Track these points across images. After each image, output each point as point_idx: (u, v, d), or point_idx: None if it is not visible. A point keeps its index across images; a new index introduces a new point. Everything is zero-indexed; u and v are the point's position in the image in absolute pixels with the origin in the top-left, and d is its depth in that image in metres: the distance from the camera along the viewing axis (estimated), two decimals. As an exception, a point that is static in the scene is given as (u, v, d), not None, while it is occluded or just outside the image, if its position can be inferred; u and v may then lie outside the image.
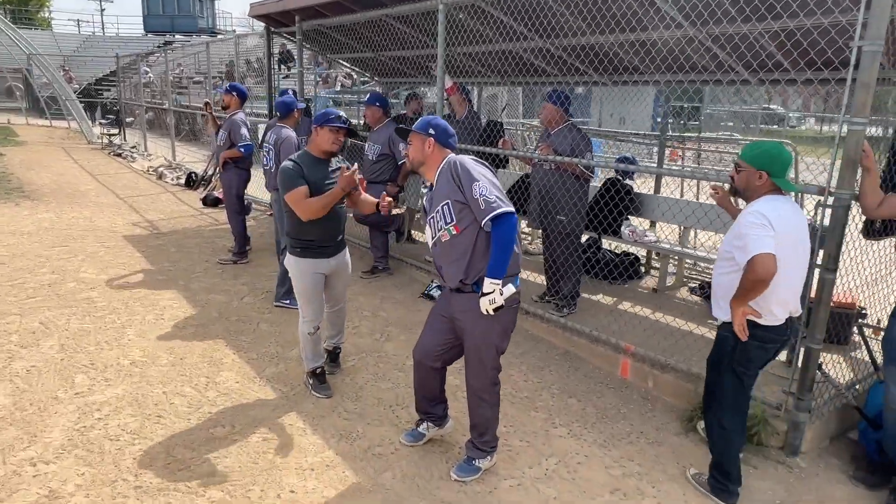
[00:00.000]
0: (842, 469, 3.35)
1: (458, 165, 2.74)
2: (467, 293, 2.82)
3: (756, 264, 2.57)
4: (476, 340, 2.86)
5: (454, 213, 2.74)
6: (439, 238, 2.84)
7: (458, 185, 2.71)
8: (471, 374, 2.97)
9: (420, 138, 2.89)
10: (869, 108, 2.94)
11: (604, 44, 5.27)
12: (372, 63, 8.36)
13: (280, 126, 5.27)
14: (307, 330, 3.69)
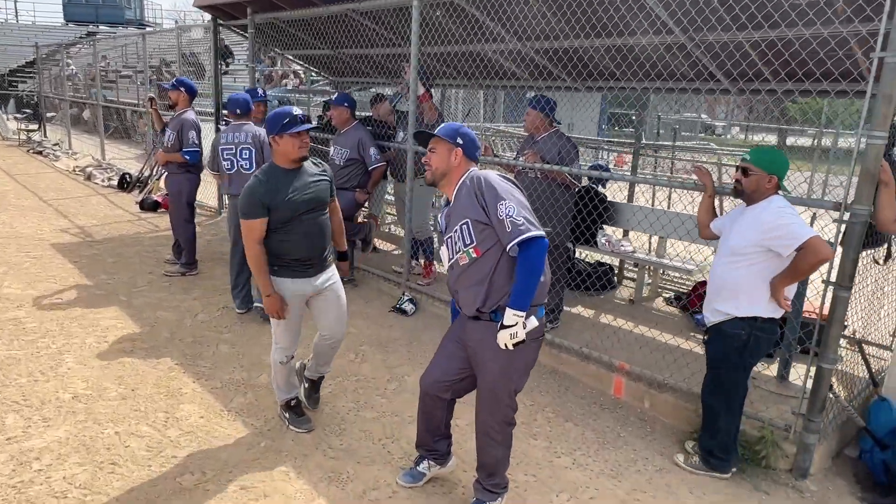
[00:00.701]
0: (850, 491, 3.26)
1: (482, 181, 2.45)
2: (484, 321, 2.52)
3: (818, 246, 2.74)
4: (492, 375, 2.56)
5: (475, 234, 2.46)
6: (457, 260, 2.56)
7: (481, 203, 2.42)
8: (483, 410, 2.66)
9: (446, 147, 2.56)
10: (890, 120, 2.84)
11: (579, 48, 5.10)
12: (329, 61, 7.92)
13: (242, 123, 4.82)
14: (279, 358, 3.28)
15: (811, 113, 19.18)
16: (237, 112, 4.85)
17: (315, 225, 3.13)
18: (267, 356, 4.26)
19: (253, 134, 4.81)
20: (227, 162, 4.81)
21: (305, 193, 3.09)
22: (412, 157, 5.25)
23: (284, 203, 3.02)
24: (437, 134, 2.58)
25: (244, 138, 4.78)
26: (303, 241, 3.10)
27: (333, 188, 3.31)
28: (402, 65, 5.32)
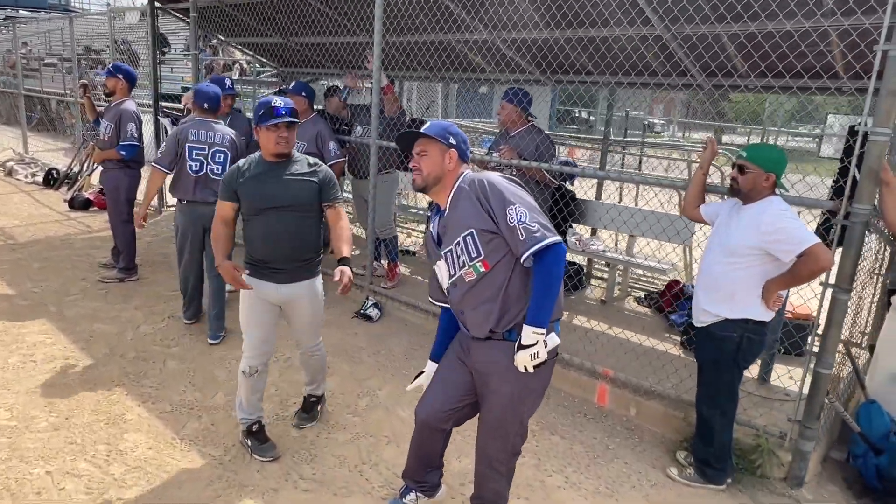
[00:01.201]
0: (844, 498, 3.17)
1: (485, 184, 2.15)
2: (496, 341, 2.23)
3: (820, 253, 2.63)
4: (504, 401, 2.26)
5: (481, 245, 2.15)
6: (460, 277, 2.24)
7: (486, 209, 2.13)
8: (488, 440, 2.37)
9: (439, 148, 2.25)
10: (893, 117, 2.73)
11: (550, 39, 4.88)
12: (278, 50, 7.45)
13: (210, 121, 4.22)
14: (242, 367, 2.97)
15: (747, 114, 19.85)
16: (205, 107, 4.21)
17: (280, 226, 2.84)
18: (221, 371, 3.86)
19: (230, 138, 4.25)
20: (194, 163, 4.14)
21: (274, 190, 2.83)
22: (375, 151, 4.92)
23: (249, 194, 2.84)
24: (428, 133, 2.25)
25: (219, 140, 4.19)
26: (260, 241, 2.87)
27: (330, 192, 2.96)
28: (364, 55, 4.96)
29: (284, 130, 2.83)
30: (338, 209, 2.98)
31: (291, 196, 2.85)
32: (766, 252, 2.79)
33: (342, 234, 2.88)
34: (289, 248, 2.88)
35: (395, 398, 3.72)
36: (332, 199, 2.97)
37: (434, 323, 4.81)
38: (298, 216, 2.88)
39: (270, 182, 2.85)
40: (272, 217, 2.84)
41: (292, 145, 2.90)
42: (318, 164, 3.01)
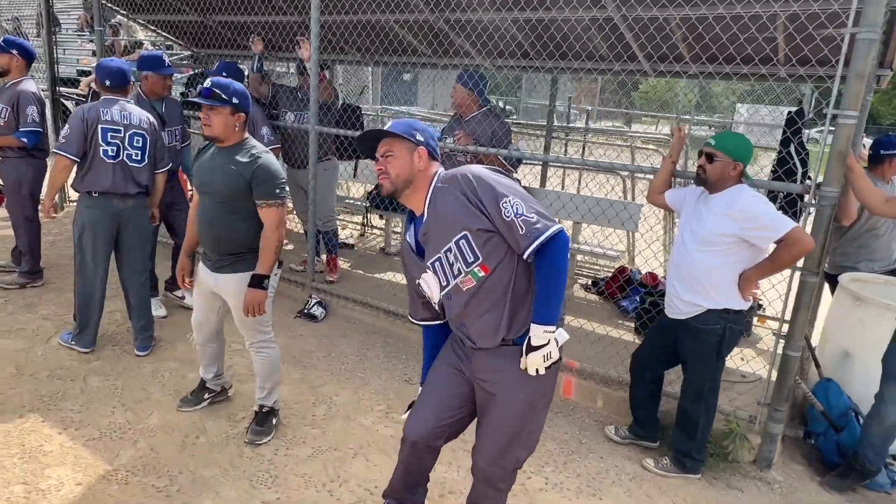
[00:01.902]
0: (809, 475, 3.23)
1: (471, 179, 1.93)
2: (506, 347, 2.01)
3: (801, 236, 2.64)
4: (516, 412, 2.04)
5: (477, 247, 1.93)
6: (456, 287, 2.01)
7: (478, 206, 1.91)
8: (491, 456, 2.13)
9: (405, 146, 2.02)
10: (861, 100, 2.75)
11: (498, 22, 4.70)
12: (194, 30, 6.83)
13: (120, 99, 3.64)
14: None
15: (658, 102, 20.59)
16: (107, 84, 3.60)
17: (207, 213, 2.81)
18: (154, 387, 3.45)
19: (148, 119, 3.72)
20: (109, 147, 3.54)
21: (209, 176, 2.78)
22: (315, 139, 4.57)
23: (195, 174, 2.86)
24: (393, 132, 2.01)
25: (136, 121, 3.64)
26: (196, 222, 2.90)
27: (260, 189, 2.72)
28: (294, 35, 4.57)
29: (206, 112, 2.68)
30: (268, 211, 2.73)
31: (219, 185, 2.74)
32: (742, 239, 2.76)
33: (263, 244, 2.76)
34: (210, 236, 2.81)
35: (353, 405, 3.45)
36: (262, 197, 2.73)
37: (385, 320, 4.55)
38: (225, 207, 2.75)
39: (207, 165, 2.80)
40: (205, 202, 2.82)
41: (219, 129, 2.71)
42: (260, 156, 2.75)
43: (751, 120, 12.60)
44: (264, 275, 2.74)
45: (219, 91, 2.66)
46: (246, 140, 2.81)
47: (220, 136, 2.72)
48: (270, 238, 2.74)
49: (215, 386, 3.28)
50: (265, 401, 3.05)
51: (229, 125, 2.71)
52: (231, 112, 2.70)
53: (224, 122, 2.69)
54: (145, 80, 4.14)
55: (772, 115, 13.09)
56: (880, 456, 3.04)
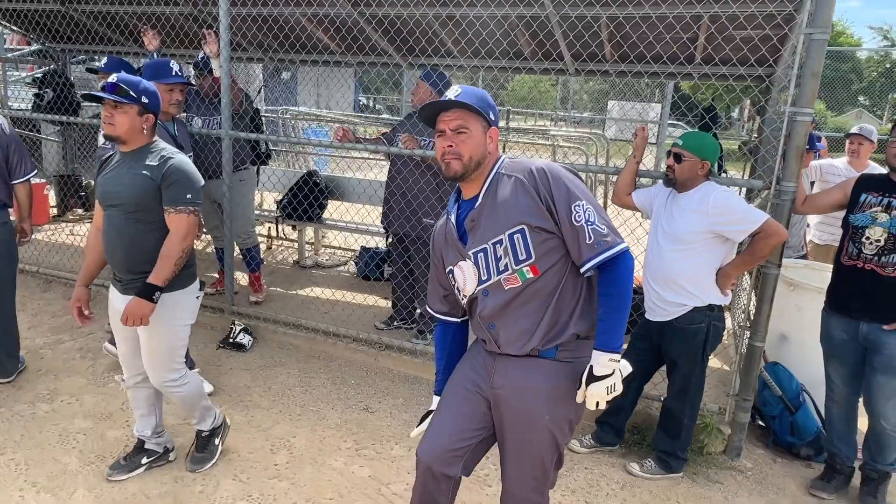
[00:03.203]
0: (772, 458, 3.37)
1: (546, 174, 1.76)
2: (533, 358, 1.84)
3: (776, 227, 2.72)
4: (544, 435, 1.87)
5: (533, 246, 1.76)
6: (498, 283, 1.82)
7: (546, 204, 1.74)
8: (522, 483, 1.95)
9: (480, 124, 1.80)
10: (815, 97, 2.88)
11: (417, 15, 4.46)
12: (50, 20, 5.84)
13: None
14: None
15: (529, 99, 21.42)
16: None
17: (113, 228, 2.45)
18: (66, 455, 2.83)
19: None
20: None
21: (113, 186, 2.43)
22: (229, 146, 4.06)
23: (98, 185, 2.49)
24: (469, 104, 1.75)
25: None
26: (102, 239, 2.52)
27: (169, 193, 2.41)
28: (203, 31, 3.99)
29: (110, 109, 2.36)
30: (177, 217, 2.42)
31: (126, 194, 2.40)
32: (716, 234, 2.80)
33: (164, 252, 2.40)
34: (120, 254, 2.45)
35: (317, 446, 3.07)
36: (171, 202, 2.42)
37: (323, 343, 4.15)
38: (132, 219, 2.41)
39: (113, 175, 2.45)
40: (110, 216, 2.46)
41: (123, 129, 2.38)
42: (171, 158, 2.45)
43: (621, 115, 13.45)
44: (156, 286, 2.38)
45: (126, 87, 2.35)
46: (154, 142, 2.50)
47: (123, 138, 2.40)
48: (175, 248, 2.40)
49: (156, 446, 2.77)
50: (201, 425, 2.79)
51: (136, 126, 2.40)
52: (139, 112, 2.39)
53: (130, 122, 2.38)
54: None
55: (635, 110, 14.08)
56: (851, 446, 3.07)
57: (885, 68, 29.28)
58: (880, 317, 2.75)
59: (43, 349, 3.85)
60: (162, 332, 2.46)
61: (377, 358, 4.00)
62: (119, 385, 2.73)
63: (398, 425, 3.31)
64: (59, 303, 4.61)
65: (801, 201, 3.09)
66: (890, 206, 2.73)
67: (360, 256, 5.63)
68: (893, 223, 2.70)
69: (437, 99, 3.65)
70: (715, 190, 2.82)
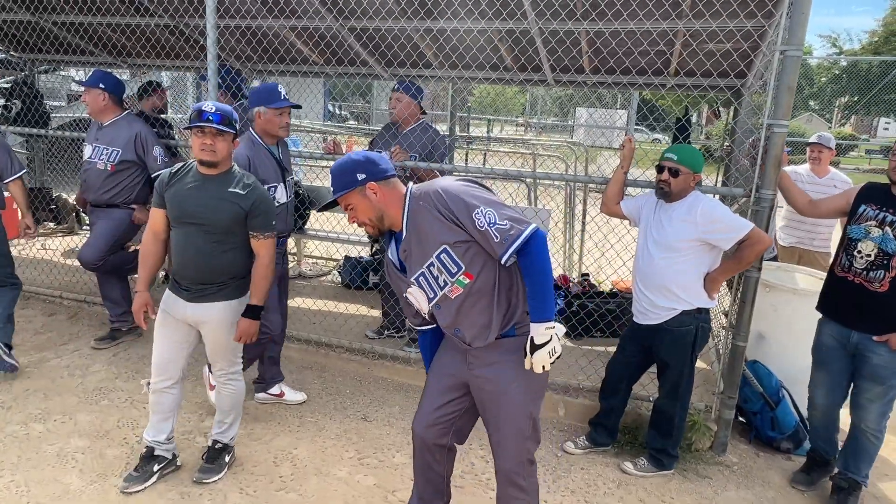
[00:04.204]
0: (755, 452, 3.53)
1: (441, 196, 2.01)
2: (498, 340, 2.12)
3: (761, 235, 2.87)
4: (515, 404, 2.14)
5: (458, 258, 2.03)
6: (444, 297, 2.10)
7: (452, 220, 2.00)
8: (505, 454, 2.21)
9: (356, 193, 2.09)
10: (791, 110, 3.05)
11: (395, 29, 4.53)
12: (17, 30, 5.71)
13: None
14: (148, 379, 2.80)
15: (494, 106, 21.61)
16: None
17: (193, 244, 2.60)
18: (67, 475, 2.81)
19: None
20: None
21: (195, 206, 2.58)
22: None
23: (171, 203, 2.62)
24: (336, 191, 2.09)
25: None
26: (175, 254, 2.67)
27: (257, 221, 2.64)
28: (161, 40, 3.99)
29: (213, 138, 2.50)
30: (264, 242, 2.68)
31: (210, 216, 2.58)
32: (704, 242, 2.94)
33: (258, 274, 2.68)
34: (194, 268, 2.63)
35: (320, 457, 3.10)
36: (259, 229, 2.66)
37: (316, 353, 4.18)
38: (213, 239, 2.60)
39: (194, 195, 2.58)
40: (188, 233, 2.61)
41: (222, 156, 2.55)
42: (255, 188, 2.66)
43: (589, 122, 13.74)
44: (260, 307, 2.69)
45: (228, 117, 2.53)
46: (233, 168, 2.68)
47: (219, 163, 2.57)
48: (268, 269, 2.68)
49: (165, 452, 2.82)
50: (222, 436, 2.89)
51: (230, 153, 2.61)
52: (233, 139, 2.60)
53: (228, 148, 2.58)
54: (258, 117, 3.18)
55: (604, 117, 14.41)
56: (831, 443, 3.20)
57: (833, 74, 30.60)
58: (870, 328, 2.81)
59: (28, 368, 3.77)
60: (233, 328, 2.69)
61: (370, 367, 4.04)
62: (143, 388, 2.87)
63: (397, 433, 3.36)
64: (39, 319, 4.51)
65: (806, 203, 3.23)
66: (884, 222, 2.76)
67: (344, 266, 5.65)
68: (885, 240, 2.74)
69: (416, 110, 3.79)
70: (702, 200, 2.96)
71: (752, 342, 3.97)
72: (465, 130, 7.56)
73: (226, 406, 2.84)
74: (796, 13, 2.91)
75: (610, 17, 3.72)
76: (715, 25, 3.48)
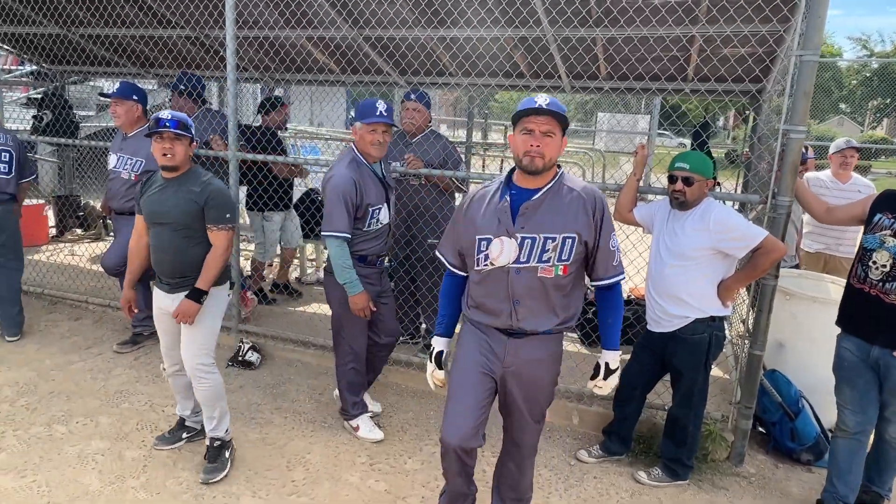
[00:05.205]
0: (773, 463, 3.47)
1: (604, 205, 2.22)
2: (543, 335, 2.26)
3: (775, 243, 2.83)
4: (544, 391, 2.36)
5: (573, 251, 2.17)
6: (533, 268, 2.17)
7: (596, 225, 2.19)
8: (530, 429, 2.41)
9: (561, 131, 2.14)
10: (808, 115, 3.01)
11: (422, 38, 4.59)
12: (51, 44, 5.90)
13: None
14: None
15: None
16: None
17: (161, 242, 2.87)
18: (85, 475, 2.88)
19: (12, 136, 4.21)
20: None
21: (159, 207, 2.84)
22: (235, 166, 4.12)
23: (143, 208, 2.91)
24: (555, 111, 2.07)
25: (3, 139, 4.14)
26: (152, 251, 2.94)
27: (212, 213, 2.83)
28: (182, 51, 4.09)
29: (168, 142, 2.75)
30: (218, 233, 2.85)
31: (173, 214, 2.81)
32: (718, 251, 2.90)
33: (208, 262, 2.84)
34: (169, 264, 2.87)
35: (332, 461, 3.13)
36: (214, 221, 2.84)
37: (331, 360, 4.17)
38: (179, 234, 2.82)
39: (159, 197, 2.84)
40: (158, 232, 2.87)
41: (180, 159, 2.80)
42: (211, 182, 2.88)
43: (610, 127, 13.64)
44: (202, 290, 2.82)
45: (184, 123, 2.78)
46: (195, 168, 2.91)
47: (178, 166, 2.81)
48: (218, 259, 2.85)
49: (195, 423, 3.18)
50: (216, 431, 2.97)
51: (187, 156, 2.84)
52: (190, 142, 2.83)
53: (185, 152, 2.81)
54: (354, 133, 3.13)
55: (625, 121, 14.30)
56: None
57: (864, 77, 29.94)
58: (889, 341, 2.67)
59: (53, 370, 3.87)
60: (200, 321, 2.85)
61: (385, 373, 4.04)
62: (162, 373, 3.21)
63: (410, 439, 3.37)
64: (65, 324, 4.64)
65: (823, 210, 3.17)
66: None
67: (361, 272, 5.69)
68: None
69: (428, 118, 3.81)
70: (715, 207, 2.92)
71: (772, 351, 3.91)
72: (484, 136, 7.56)
73: (208, 401, 2.91)
74: (812, 17, 2.87)
75: (623, 23, 3.71)
76: (729, 31, 3.44)
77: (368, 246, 3.17)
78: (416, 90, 3.87)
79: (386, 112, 3.04)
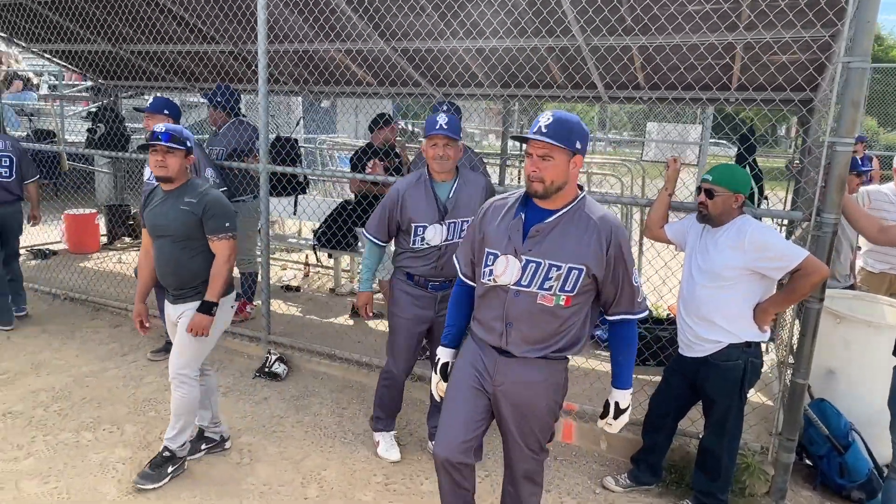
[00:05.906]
0: (819, 501, 3.22)
1: (622, 239, 2.07)
2: (536, 359, 2.14)
3: (817, 264, 2.61)
4: (540, 417, 2.22)
5: (580, 285, 2.05)
6: (533, 294, 2.07)
7: (609, 259, 2.04)
8: (523, 458, 2.29)
9: (563, 152, 1.99)
10: (857, 126, 2.78)
11: (447, 49, 4.53)
12: (102, 60, 6.16)
13: None
14: None
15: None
16: None
17: (163, 254, 2.90)
18: (105, 484, 2.91)
19: (12, 142, 4.69)
20: None
21: (160, 220, 2.88)
22: (266, 179, 4.16)
23: (146, 222, 2.95)
24: (549, 140, 1.95)
25: (3, 146, 4.58)
26: (155, 263, 2.97)
27: (210, 224, 2.85)
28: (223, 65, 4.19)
29: (161, 155, 2.80)
30: (218, 244, 2.87)
31: (172, 226, 2.84)
32: (754, 271, 2.70)
33: (213, 273, 2.86)
34: (171, 275, 2.90)
35: (347, 479, 3.08)
36: (213, 231, 2.86)
37: (358, 373, 4.18)
38: (180, 246, 2.85)
39: (159, 210, 2.88)
40: (160, 244, 2.90)
41: (174, 171, 2.84)
42: (207, 193, 2.90)
43: (661, 137, 13.26)
44: (213, 302, 2.84)
45: (177, 135, 2.81)
46: (192, 180, 2.96)
47: (172, 177, 2.84)
48: (222, 268, 2.86)
49: (213, 434, 3.20)
50: (172, 442, 2.94)
51: (182, 167, 2.87)
52: (185, 155, 2.86)
53: (179, 164, 2.84)
54: (423, 149, 3.03)
55: (676, 131, 13.86)
56: None
57: (939, 81, 28.17)
58: None
59: (88, 377, 3.98)
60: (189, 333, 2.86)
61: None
62: None
63: (428, 459, 3.29)
64: (105, 331, 4.78)
65: (876, 230, 2.95)
66: None
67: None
68: None
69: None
70: (751, 225, 2.73)
71: (821, 379, 3.65)
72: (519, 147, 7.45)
73: (178, 410, 2.90)
74: (860, 21, 2.66)
75: (654, 31, 3.55)
76: (769, 37, 3.24)
77: (414, 264, 3.05)
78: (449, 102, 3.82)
79: (447, 125, 2.83)
